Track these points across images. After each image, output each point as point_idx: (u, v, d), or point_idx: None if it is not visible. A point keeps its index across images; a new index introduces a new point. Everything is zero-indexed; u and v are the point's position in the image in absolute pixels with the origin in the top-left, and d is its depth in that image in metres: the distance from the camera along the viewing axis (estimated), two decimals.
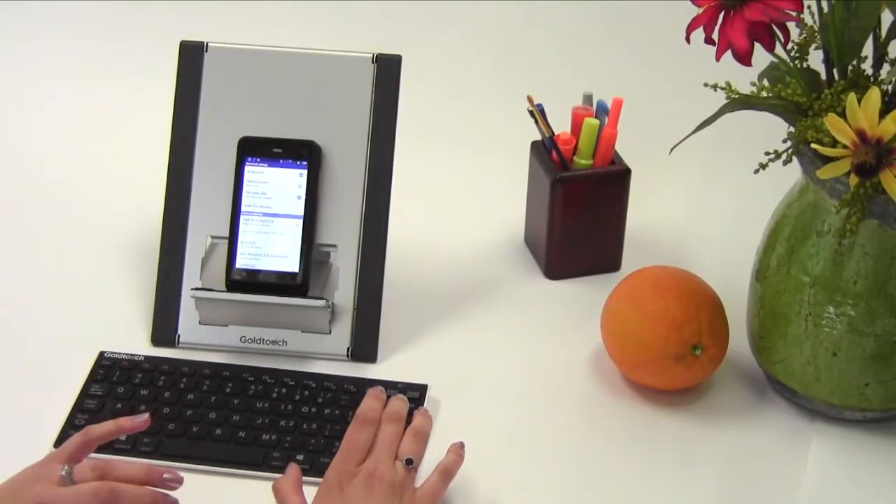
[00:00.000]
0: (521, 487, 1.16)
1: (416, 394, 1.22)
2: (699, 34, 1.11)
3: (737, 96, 1.14)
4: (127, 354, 1.26)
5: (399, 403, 1.13)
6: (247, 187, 1.28)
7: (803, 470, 1.17)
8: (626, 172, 1.37)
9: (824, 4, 1.12)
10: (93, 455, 1.15)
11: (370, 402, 1.12)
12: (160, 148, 1.33)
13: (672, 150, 1.18)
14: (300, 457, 1.16)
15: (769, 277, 1.20)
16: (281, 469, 1.13)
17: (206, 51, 1.30)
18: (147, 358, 1.25)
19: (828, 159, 1.08)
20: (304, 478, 1.10)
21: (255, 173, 1.28)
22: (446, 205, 1.50)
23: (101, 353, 1.26)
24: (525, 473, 1.17)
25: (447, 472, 1.11)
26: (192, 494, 1.13)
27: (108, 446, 1.16)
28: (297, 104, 1.29)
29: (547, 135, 1.36)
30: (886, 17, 1.13)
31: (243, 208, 1.27)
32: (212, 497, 1.13)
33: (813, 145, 1.09)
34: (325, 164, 1.28)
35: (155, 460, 1.15)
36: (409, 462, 1.09)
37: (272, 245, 1.26)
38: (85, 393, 1.22)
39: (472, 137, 1.60)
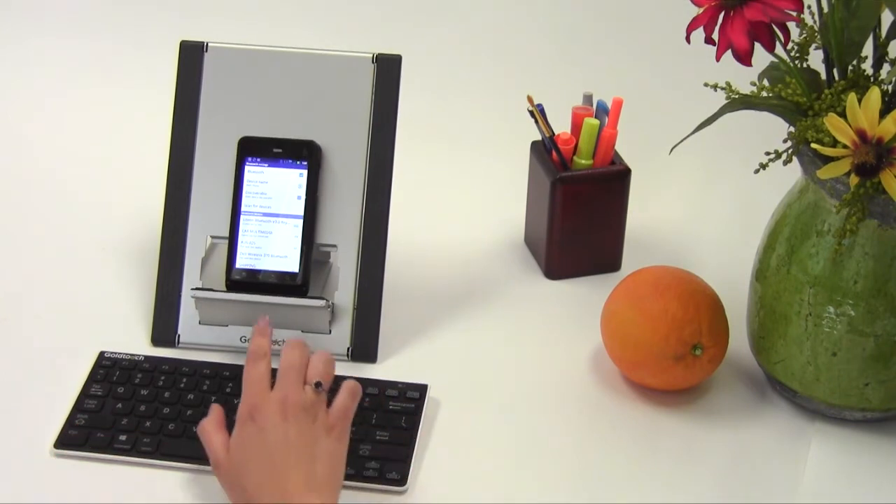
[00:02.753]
0: (520, 487, 1.16)
1: (416, 394, 1.22)
2: (699, 34, 1.11)
3: (737, 96, 1.14)
4: (127, 354, 1.26)
5: (295, 339, 1.14)
6: (247, 187, 1.28)
7: (803, 470, 1.17)
8: (626, 172, 1.37)
9: (824, 4, 1.12)
10: (94, 455, 1.16)
11: (257, 340, 1.13)
12: (160, 148, 1.33)
13: (672, 150, 1.18)
14: None
15: (769, 277, 1.20)
16: None
17: (206, 51, 1.30)
18: (147, 358, 1.25)
19: (828, 159, 1.08)
20: None
21: (255, 173, 1.28)
22: (446, 204, 1.50)
23: (101, 353, 1.26)
24: (525, 473, 1.17)
25: (353, 390, 1.12)
26: (193, 494, 1.13)
27: (108, 445, 1.16)
28: (297, 104, 1.29)
29: (547, 135, 1.36)
30: (886, 17, 1.13)
31: (243, 208, 1.27)
32: (212, 497, 1.13)
33: (813, 145, 1.09)
34: (325, 164, 1.28)
35: (155, 460, 1.15)
36: (317, 385, 1.10)
37: (272, 245, 1.27)
38: (85, 393, 1.22)
39: (472, 137, 1.60)
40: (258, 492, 1.05)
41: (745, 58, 1.08)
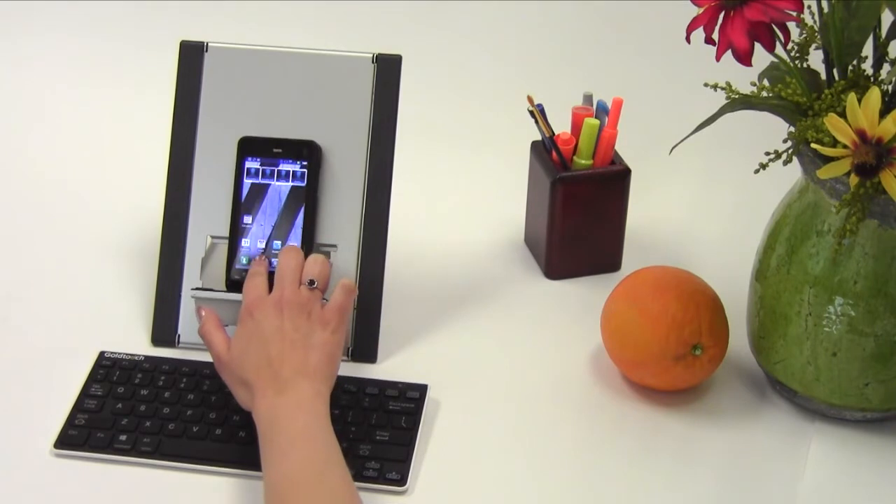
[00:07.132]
0: (520, 487, 1.16)
1: (415, 394, 1.22)
2: (699, 34, 1.11)
3: (737, 96, 1.14)
4: (127, 354, 1.26)
5: (289, 245, 1.22)
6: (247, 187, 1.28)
7: (803, 470, 1.17)
8: (626, 172, 1.37)
9: (824, 4, 1.12)
10: (94, 455, 1.16)
11: (255, 264, 1.22)
12: (160, 148, 1.33)
13: (672, 150, 1.18)
14: None
15: (769, 277, 1.20)
16: None
17: (206, 51, 1.30)
18: (147, 358, 1.25)
19: (828, 159, 1.08)
20: None
21: (255, 173, 1.28)
22: (446, 205, 1.50)
23: (101, 353, 1.26)
24: (525, 473, 1.17)
25: (347, 287, 1.18)
26: (193, 494, 1.13)
27: (108, 445, 1.16)
28: (297, 104, 1.29)
29: (547, 135, 1.36)
30: (886, 17, 1.13)
31: (243, 208, 1.27)
32: (212, 497, 1.13)
33: (813, 145, 1.09)
34: (325, 164, 1.28)
35: (155, 460, 1.15)
36: (311, 283, 1.16)
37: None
38: (85, 393, 1.22)
39: (472, 137, 1.60)
40: (256, 380, 1.11)
41: (745, 58, 1.08)
